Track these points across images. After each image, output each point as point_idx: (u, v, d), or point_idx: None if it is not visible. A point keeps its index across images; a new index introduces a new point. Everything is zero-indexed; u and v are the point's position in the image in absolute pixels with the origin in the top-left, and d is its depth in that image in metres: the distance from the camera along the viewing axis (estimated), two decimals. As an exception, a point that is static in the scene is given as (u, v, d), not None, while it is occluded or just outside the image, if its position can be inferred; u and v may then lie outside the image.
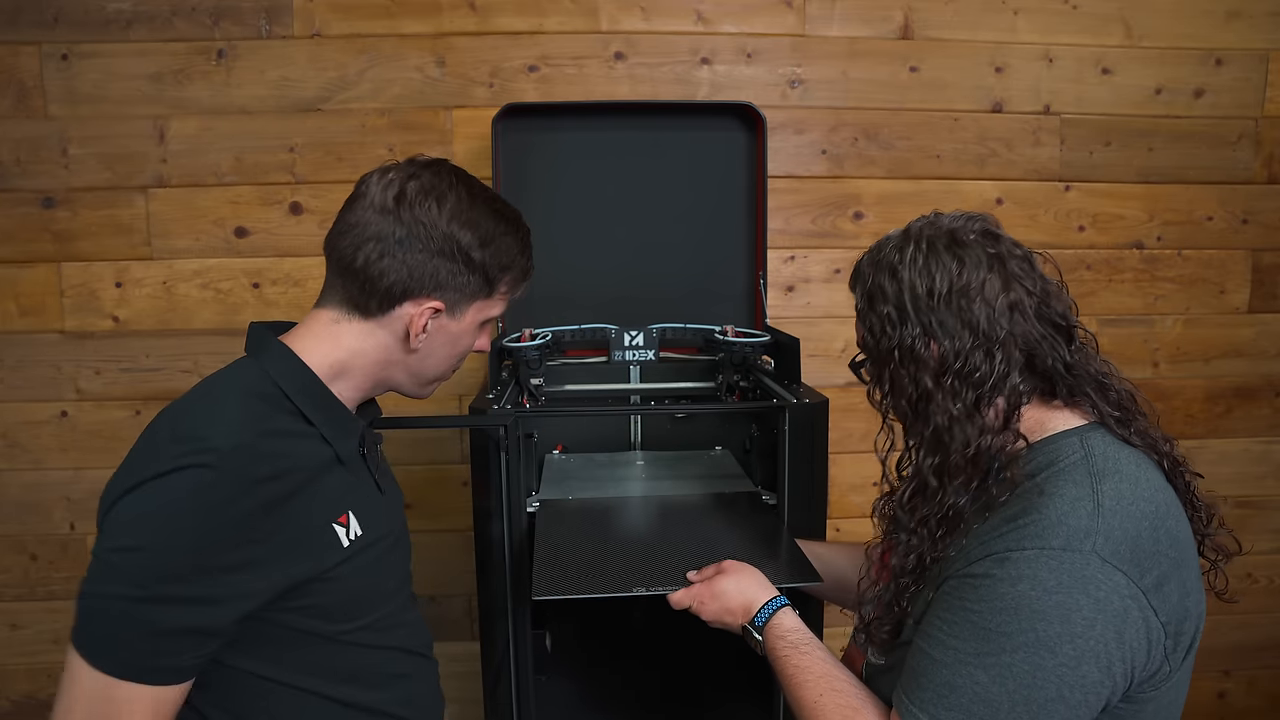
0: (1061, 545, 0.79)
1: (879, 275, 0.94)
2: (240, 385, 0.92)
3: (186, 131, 1.92)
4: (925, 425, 0.90)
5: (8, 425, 1.98)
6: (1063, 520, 0.81)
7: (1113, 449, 0.88)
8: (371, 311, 0.96)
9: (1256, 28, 2.06)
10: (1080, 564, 0.79)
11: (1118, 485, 0.83)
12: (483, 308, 1.01)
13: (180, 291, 1.96)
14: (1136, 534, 0.81)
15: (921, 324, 0.90)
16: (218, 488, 0.82)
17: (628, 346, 1.68)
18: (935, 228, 0.94)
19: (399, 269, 0.94)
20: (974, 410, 0.88)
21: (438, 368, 1.02)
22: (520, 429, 1.27)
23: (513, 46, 1.94)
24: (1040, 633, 0.79)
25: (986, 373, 0.88)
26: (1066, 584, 0.78)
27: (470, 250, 0.95)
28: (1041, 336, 0.90)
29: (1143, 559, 0.80)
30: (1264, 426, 2.20)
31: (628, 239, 1.80)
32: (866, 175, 2.04)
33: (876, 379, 0.96)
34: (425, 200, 0.94)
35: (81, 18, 1.88)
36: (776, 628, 1.01)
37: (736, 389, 1.60)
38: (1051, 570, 0.79)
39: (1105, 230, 2.10)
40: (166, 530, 0.80)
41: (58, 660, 2.02)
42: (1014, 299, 0.90)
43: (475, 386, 1.99)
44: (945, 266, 0.90)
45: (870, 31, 2.00)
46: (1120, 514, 0.81)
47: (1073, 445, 0.88)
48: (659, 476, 1.57)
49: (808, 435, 1.32)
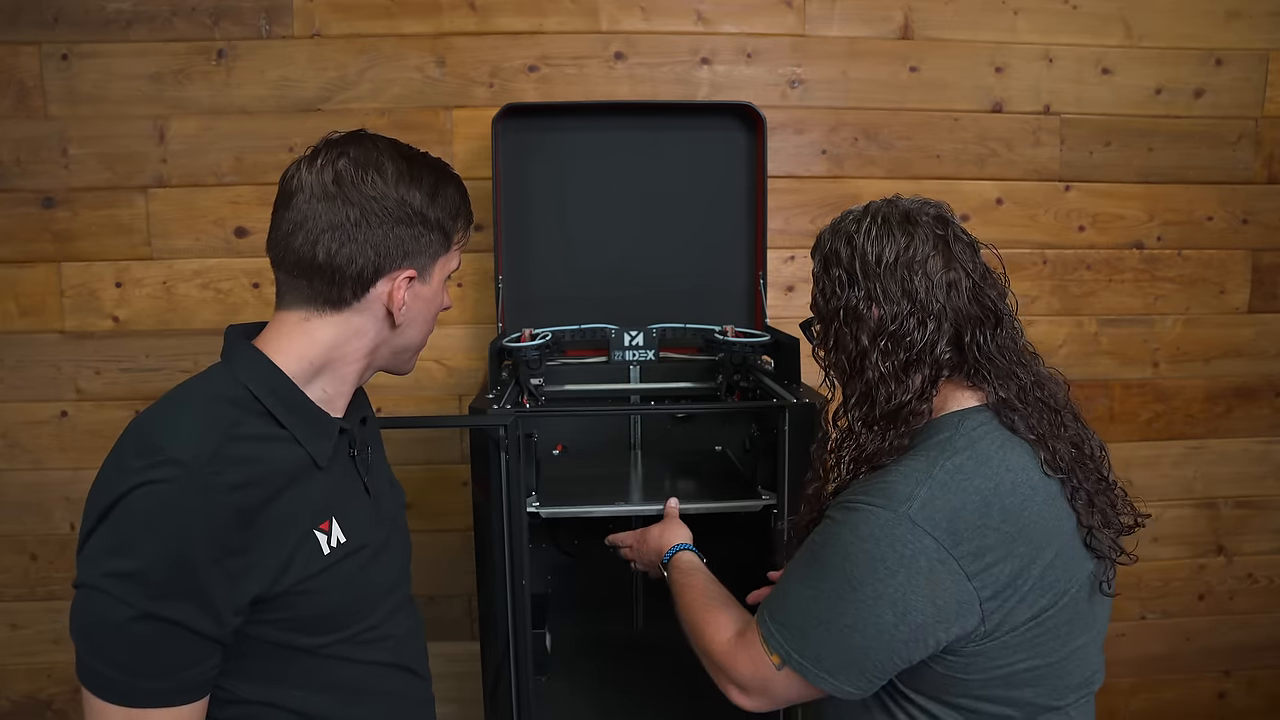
0: (882, 505, 0.91)
1: (836, 241, 1.03)
2: (208, 391, 0.90)
3: (186, 131, 1.92)
4: (860, 380, 1.01)
5: (8, 425, 1.98)
6: (893, 485, 0.92)
7: (982, 430, 0.97)
8: (346, 301, 0.92)
9: (1256, 28, 2.06)
10: (892, 523, 0.90)
11: (960, 461, 0.93)
12: (445, 263, 1.00)
13: (180, 291, 1.96)
14: (960, 506, 0.90)
15: (867, 288, 0.99)
16: (183, 499, 0.79)
17: (628, 346, 1.68)
18: (893, 206, 1.02)
19: (365, 250, 0.91)
20: (901, 371, 0.98)
21: (418, 336, 1.01)
22: (520, 429, 1.27)
23: (513, 46, 1.94)
24: (847, 571, 0.92)
25: (917, 339, 0.97)
26: (876, 536, 0.90)
27: (425, 210, 0.94)
28: (969, 317, 0.98)
29: (961, 529, 0.89)
30: (1264, 426, 2.20)
31: (628, 239, 1.80)
32: (866, 175, 2.04)
33: (822, 337, 1.06)
34: (365, 174, 0.91)
35: (81, 18, 1.88)
36: (678, 562, 1.23)
37: (736, 389, 1.60)
38: (868, 523, 0.91)
39: (1105, 230, 2.10)
40: (142, 550, 0.78)
41: (58, 660, 2.04)
42: (952, 277, 0.98)
43: (475, 386, 1.99)
44: (895, 239, 0.98)
45: (870, 31, 2.00)
46: (949, 486, 0.91)
47: (950, 423, 0.98)
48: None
49: (808, 435, 1.32)
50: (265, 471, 0.86)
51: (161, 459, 0.80)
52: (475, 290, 1.98)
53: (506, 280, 1.77)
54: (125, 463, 0.82)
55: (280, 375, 0.91)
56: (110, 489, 0.80)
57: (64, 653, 2.05)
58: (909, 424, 0.98)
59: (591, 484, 1.52)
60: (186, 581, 0.79)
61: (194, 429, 0.84)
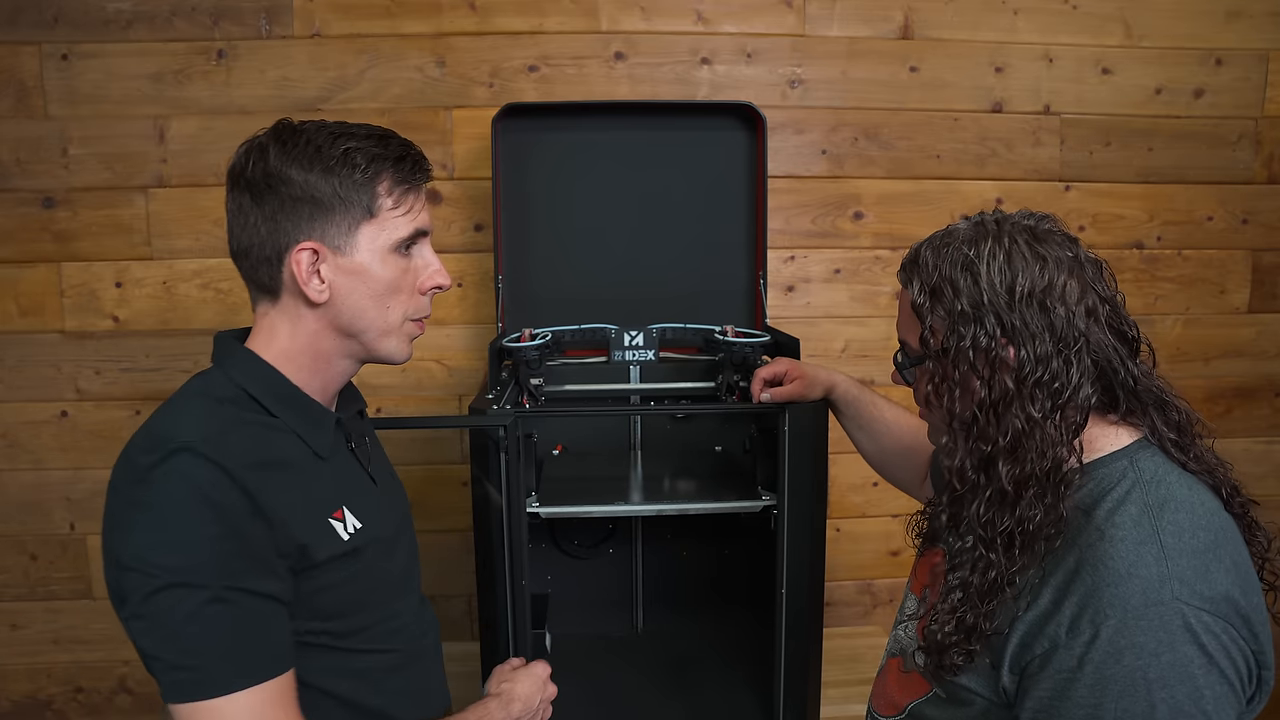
0: (1142, 602, 0.76)
1: (948, 269, 0.88)
2: (203, 392, 0.91)
3: (186, 131, 1.92)
4: (999, 431, 0.85)
5: (8, 425, 1.98)
6: (1133, 573, 0.78)
7: (1163, 472, 0.85)
8: (270, 285, 0.93)
9: (1256, 28, 2.06)
10: (1171, 615, 0.76)
11: (1175, 517, 0.81)
12: (376, 231, 0.92)
13: (180, 291, 1.96)
14: (1204, 567, 0.78)
15: (1001, 323, 0.85)
16: (205, 473, 0.81)
17: (628, 346, 1.68)
18: (1011, 223, 0.89)
19: (260, 230, 0.91)
20: (1051, 418, 0.84)
21: (370, 313, 0.94)
22: (520, 429, 1.27)
23: (513, 46, 1.94)
24: (1171, 700, 0.75)
25: (1065, 380, 0.84)
26: (1168, 641, 0.75)
27: (317, 178, 0.90)
28: (1111, 347, 0.86)
29: (1215, 588, 0.78)
30: (1264, 426, 2.20)
31: (628, 239, 1.80)
32: (866, 175, 2.04)
33: (939, 379, 0.89)
34: (253, 160, 0.91)
35: (81, 18, 1.88)
36: None
37: (736, 389, 1.60)
38: (1147, 632, 0.76)
39: (1105, 230, 2.10)
40: (187, 534, 0.79)
41: (57, 660, 2.04)
42: (1090, 304, 0.86)
43: (475, 386, 1.99)
44: (1028, 264, 0.85)
45: (870, 31, 2.00)
46: (1183, 550, 0.79)
47: (1122, 470, 0.85)
48: None
49: (808, 435, 1.32)
50: (271, 457, 0.88)
51: (173, 447, 0.82)
52: (475, 290, 1.98)
53: (506, 280, 1.77)
54: (136, 464, 0.83)
55: (271, 370, 0.93)
56: (131, 494, 0.82)
57: (64, 653, 2.05)
58: (1068, 483, 0.84)
59: (591, 484, 1.52)
60: (238, 549, 0.81)
61: (197, 419, 0.86)
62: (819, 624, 1.40)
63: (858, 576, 2.16)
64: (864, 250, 2.06)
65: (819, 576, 1.38)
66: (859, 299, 2.08)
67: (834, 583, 2.10)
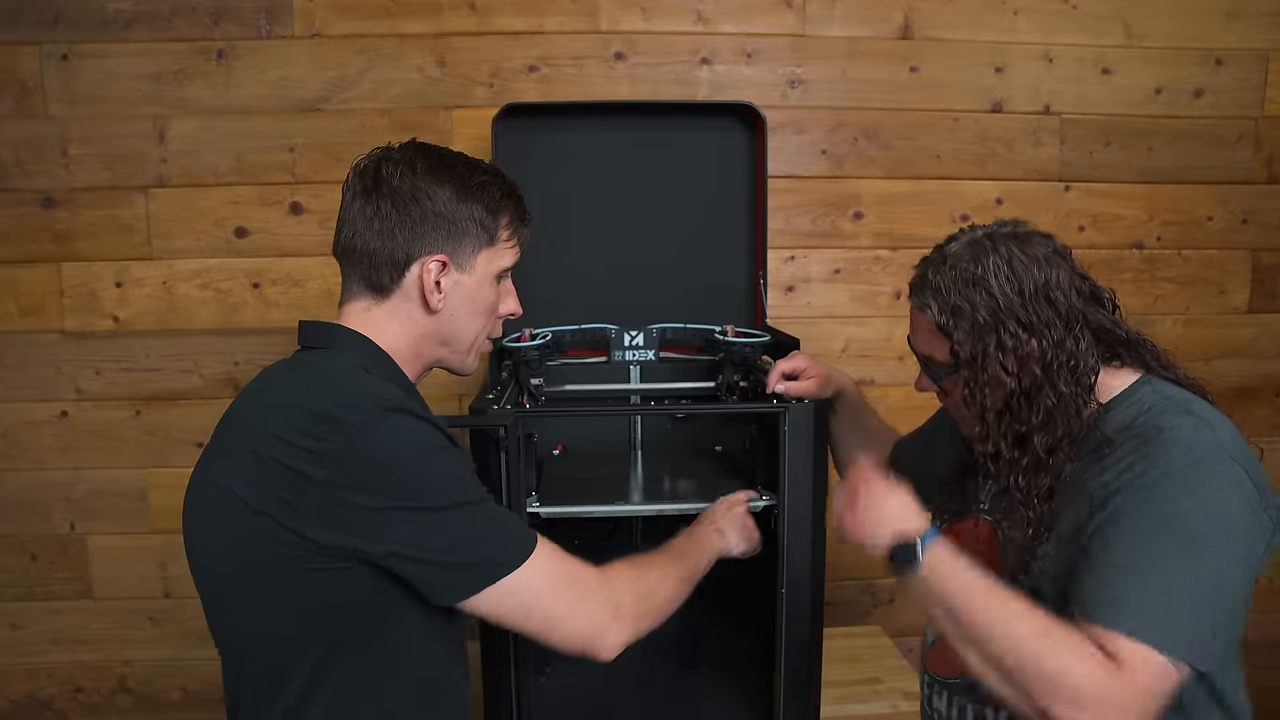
0: (1204, 455, 0.91)
1: (962, 287, 1.01)
2: (351, 365, 0.96)
3: (186, 131, 1.92)
4: (1033, 412, 0.99)
5: (8, 425, 1.98)
6: (1197, 440, 0.92)
7: (1177, 390, 1.01)
8: (387, 285, 1.00)
9: (1256, 28, 2.06)
10: (1226, 466, 0.91)
11: (1209, 412, 0.97)
12: (491, 257, 1.05)
13: (180, 291, 1.96)
14: (1245, 449, 0.95)
15: (1020, 323, 0.99)
16: (418, 425, 0.91)
17: (628, 346, 1.68)
18: (998, 235, 1.04)
19: (396, 236, 0.99)
20: (1073, 388, 0.99)
21: (467, 328, 1.05)
22: (520, 429, 1.27)
23: (513, 46, 1.94)
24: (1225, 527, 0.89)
25: (1079, 354, 0.99)
26: (1222, 488, 0.89)
27: (457, 201, 1.00)
28: (1103, 314, 1.03)
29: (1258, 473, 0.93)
30: (1264, 426, 2.20)
31: (628, 239, 1.80)
32: (866, 175, 2.04)
33: (973, 383, 1.03)
34: (398, 169, 1.00)
35: (81, 18, 1.88)
36: (943, 563, 1.00)
37: (737, 389, 1.60)
38: (1206, 478, 0.90)
39: (1105, 230, 2.10)
40: (432, 467, 0.90)
41: (57, 660, 2.04)
42: (1078, 285, 1.01)
43: (475, 386, 1.99)
44: (1027, 268, 1.00)
45: (870, 31, 2.00)
46: (1224, 429, 0.95)
47: (1148, 394, 1.01)
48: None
49: (808, 435, 1.32)
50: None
51: (383, 405, 0.88)
52: (475, 290, 1.98)
53: (506, 280, 1.77)
54: (349, 420, 0.87)
55: (388, 356, 1.01)
56: (352, 413, 0.87)
57: (64, 653, 2.05)
58: (1090, 427, 1.00)
59: (591, 484, 1.52)
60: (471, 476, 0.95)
61: (375, 385, 0.93)
62: (819, 624, 1.40)
63: (858, 576, 2.16)
64: (864, 250, 2.06)
65: (819, 576, 1.38)
66: (859, 299, 2.08)
67: (834, 583, 2.10)
